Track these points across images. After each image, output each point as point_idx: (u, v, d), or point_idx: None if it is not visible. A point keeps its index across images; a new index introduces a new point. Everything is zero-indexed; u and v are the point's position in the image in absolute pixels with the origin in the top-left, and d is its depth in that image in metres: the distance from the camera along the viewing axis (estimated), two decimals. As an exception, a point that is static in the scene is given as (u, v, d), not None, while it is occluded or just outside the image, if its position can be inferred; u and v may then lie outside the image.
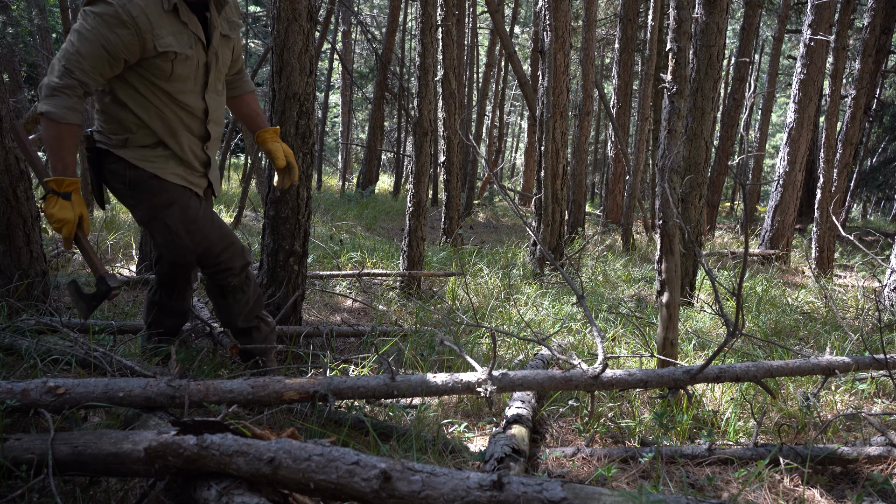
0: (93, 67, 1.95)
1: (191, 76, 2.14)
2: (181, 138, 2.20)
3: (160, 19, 2.00)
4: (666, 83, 2.55)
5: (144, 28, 1.96)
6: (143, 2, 1.96)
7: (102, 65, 1.96)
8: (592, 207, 16.62)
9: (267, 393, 1.94)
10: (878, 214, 21.57)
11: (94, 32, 1.92)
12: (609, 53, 18.91)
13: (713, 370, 2.30)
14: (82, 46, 1.92)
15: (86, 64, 1.93)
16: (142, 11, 1.95)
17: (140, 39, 1.97)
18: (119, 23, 1.92)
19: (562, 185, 5.98)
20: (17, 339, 2.45)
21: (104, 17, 1.91)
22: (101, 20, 1.91)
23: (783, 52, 15.58)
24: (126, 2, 1.93)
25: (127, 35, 1.94)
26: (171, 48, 2.03)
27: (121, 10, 1.92)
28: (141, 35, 1.96)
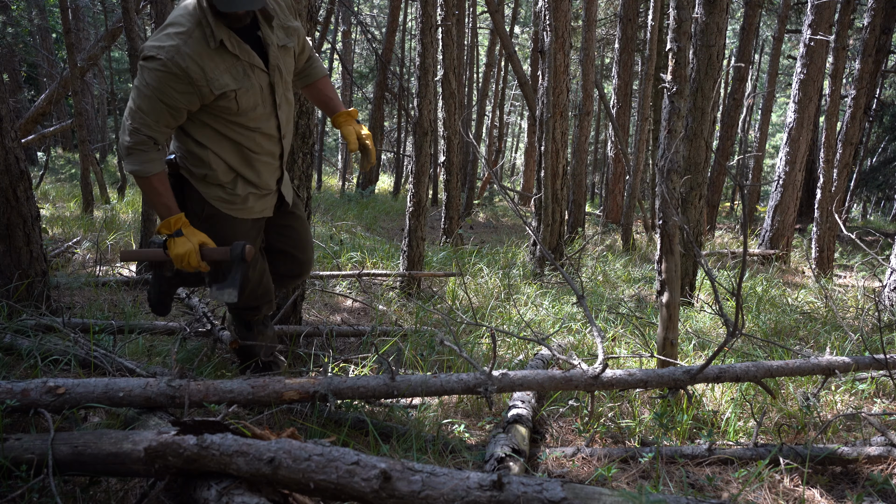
0: (157, 122, 1.96)
1: (258, 102, 2.10)
2: (258, 166, 2.20)
3: (210, 60, 1.95)
4: (666, 83, 2.55)
5: (197, 77, 1.93)
6: (191, 48, 1.92)
7: (165, 118, 1.97)
8: (592, 207, 16.61)
9: (267, 393, 1.94)
10: (878, 214, 21.56)
11: (151, 88, 1.91)
12: (609, 53, 18.91)
13: (713, 370, 2.31)
14: (143, 103, 1.94)
15: (149, 120, 1.95)
16: (191, 60, 1.91)
17: (195, 88, 1.94)
18: (171, 77, 1.90)
19: (562, 185, 5.98)
20: (17, 339, 2.45)
21: (156, 73, 1.90)
22: (154, 76, 1.90)
23: (783, 52, 15.58)
24: (174, 53, 1.89)
25: (181, 87, 1.92)
26: (228, 87, 2.00)
27: (170, 63, 1.89)
28: (195, 85, 1.94)
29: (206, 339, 2.91)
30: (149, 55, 1.91)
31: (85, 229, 5.75)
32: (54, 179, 11.88)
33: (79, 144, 7.08)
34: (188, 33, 1.92)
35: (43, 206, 7.21)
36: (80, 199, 7.03)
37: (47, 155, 11.53)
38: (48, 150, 12.10)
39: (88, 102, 15.19)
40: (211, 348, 2.82)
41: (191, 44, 1.91)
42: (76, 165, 13.90)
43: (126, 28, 4.36)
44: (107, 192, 8.66)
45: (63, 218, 6.27)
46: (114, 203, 8.05)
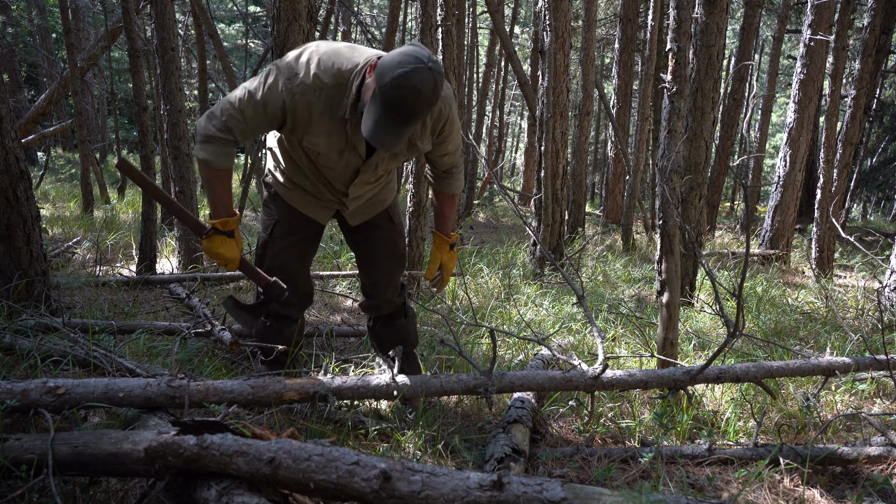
0: (251, 130, 1.97)
1: (336, 168, 2.11)
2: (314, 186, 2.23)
3: (321, 120, 1.95)
4: (666, 83, 2.55)
5: (300, 120, 1.94)
6: (316, 99, 1.90)
7: (259, 130, 1.99)
8: (592, 207, 16.62)
9: (267, 393, 1.94)
10: (878, 214, 21.57)
11: (262, 102, 1.90)
12: (609, 53, 18.91)
13: (713, 371, 2.30)
14: (247, 109, 1.92)
15: (245, 127, 1.95)
16: (309, 107, 1.91)
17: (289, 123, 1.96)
18: (281, 103, 1.90)
19: (562, 185, 5.97)
20: (17, 339, 2.45)
21: (276, 88, 1.89)
22: (269, 95, 1.90)
23: (783, 52, 15.57)
24: (297, 92, 1.88)
25: (280, 114, 1.93)
26: (315, 147, 2.02)
27: (290, 94, 1.89)
28: (292, 121, 1.95)
29: (206, 339, 2.91)
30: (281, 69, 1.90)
31: (85, 229, 5.75)
32: (54, 179, 11.88)
33: (79, 144, 7.08)
34: (323, 88, 1.90)
35: (43, 206, 7.21)
36: (80, 199, 7.03)
37: (47, 155, 11.53)
38: (48, 150, 12.11)
39: (88, 102, 15.20)
40: (211, 349, 2.82)
41: (320, 97, 1.90)
42: (76, 165, 13.90)
43: (126, 28, 4.36)
44: (107, 192, 8.67)
45: (63, 218, 6.27)
46: (114, 203, 8.06)
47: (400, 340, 2.51)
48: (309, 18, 2.83)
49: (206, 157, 1.97)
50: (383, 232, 2.37)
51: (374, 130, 1.79)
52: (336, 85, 1.90)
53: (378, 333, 2.55)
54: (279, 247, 2.28)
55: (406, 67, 1.73)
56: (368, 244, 2.38)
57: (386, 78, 1.74)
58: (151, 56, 6.66)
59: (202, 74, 7.04)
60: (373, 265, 2.39)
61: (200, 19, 6.66)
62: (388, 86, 1.73)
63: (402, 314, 2.54)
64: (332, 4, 8.76)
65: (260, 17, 17.17)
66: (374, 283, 2.42)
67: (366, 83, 1.86)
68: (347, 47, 1.98)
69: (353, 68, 1.91)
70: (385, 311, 2.48)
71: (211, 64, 14.78)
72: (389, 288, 2.43)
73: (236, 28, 18.74)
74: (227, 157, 1.99)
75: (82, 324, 2.77)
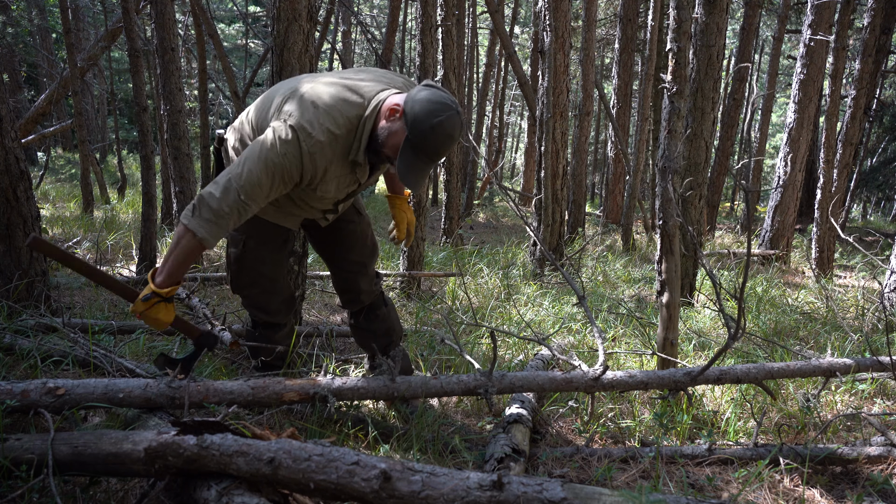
0: (266, 197, 1.90)
1: (331, 199, 2.14)
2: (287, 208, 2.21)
3: (335, 167, 1.95)
4: (666, 83, 2.55)
5: (318, 173, 1.93)
6: (332, 150, 1.90)
7: (274, 194, 1.92)
8: (592, 207, 16.61)
9: (267, 394, 1.94)
10: (878, 214, 21.56)
11: (280, 168, 1.85)
12: (609, 53, 18.91)
13: (714, 372, 2.30)
14: (264, 177, 1.84)
15: (262, 193, 1.87)
16: (325, 162, 1.91)
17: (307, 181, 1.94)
18: (298, 166, 1.87)
19: (562, 185, 5.98)
20: (17, 339, 2.45)
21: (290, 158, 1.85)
22: (286, 160, 1.84)
23: (783, 52, 15.57)
24: (317, 151, 1.86)
25: (296, 175, 1.90)
26: (327, 194, 2.02)
27: (307, 158, 1.86)
28: (311, 179, 1.94)
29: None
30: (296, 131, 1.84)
31: (85, 229, 5.75)
32: (54, 179, 11.88)
33: (79, 144, 7.08)
34: (336, 138, 1.90)
35: (43, 206, 7.21)
36: (80, 199, 7.03)
37: (47, 155, 11.52)
38: (48, 150, 12.10)
39: (88, 102, 15.20)
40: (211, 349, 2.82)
41: (333, 147, 1.90)
42: (76, 165, 13.90)
43: (126, 28, 4.36)
44: (107, 192, 8.66)
45: (63, 218, 6.27)
46: (114, 203, 8.06)
47: (386, 330, 2.54)
48: (309, 18, 2.83)
49: (205, 237, 1.85)
50: (354, 226, 2.41)
51: (410, 175, 1.89)
52: (347, 133, 1.93)
53: (362, 328, 2.54)
54: (254, 258, 2.27)
55: (441, 116, 1.82)
56: (342, 240, 2.40)
57: (422, 127, 1.82)
58: (151, 56, 6.66)
59: (202, 74, 7.04)
60: (348, 259, 2.42)
61: (200, 19, 6.66)
62: (426, 135, 1.83)
63: (383, 303, 2.56)
64: (332, 4, 8.76)
65: (260, 17, 17.17)
66: (351, 276, 2.44)
67: (389, 127, 1.90)
68: (346, 87, 1.95)
69: (363, 113, 1.93)
70: (366, 302, 2.50)
71: (211, 64, 14.79)
72: (366, 278, 2.46)
73: (236, 28, 18.74)
74: (221, 237, 1.91)
75: (82, 324, 2.76)
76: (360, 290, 2.46)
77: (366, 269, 2.45)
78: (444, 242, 6.72)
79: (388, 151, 1.92)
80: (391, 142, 1.90)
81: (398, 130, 1.88)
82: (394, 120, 1.89)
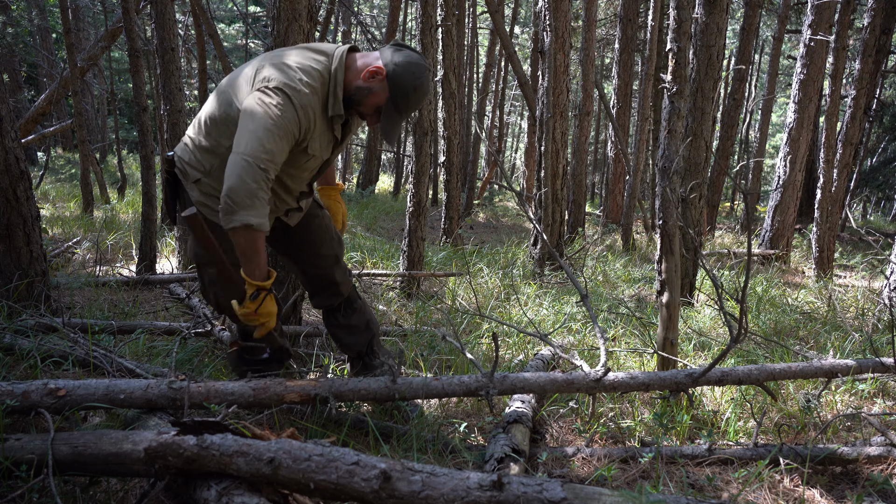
0: (279, 162, 1.88)
1: (313, 168, 2.16)
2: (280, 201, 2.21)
3: (319, 122, 2.00)
4: (666, 83, 2.55)
5: (311, 129, 1.96)
6: (316, 105, 1.95)
7: (283, 159, 1.91)
8: (592, 207, 16.61)
9: (268, 395, 1.94)
10: (878, 214, 21.56)
11: (282, 126, 1.86)
12: (609, 53, 18.91)
13: (715, 373, 2.30)
14: (269, 139, 1.83)
15: (278, 159, 1.87)
16: (313, 115, 1.95)
17: (301, 139, 1.96)
18: (296, 121, 1.89)
19: (562, 185, 5.98)
20: (17, 339, 2.45)
21: (288, 110, 1.87)
22: (284, 119, 1.86)
23: (783, 52, 15.57)
24: (306, 104, 1.91)
25: (297, 135, 1.93)
26: (315, 152, 2.05)
27: (300, 111, 1.90)
28: (305, 134, 1.96)
29: (206, 339, 2.91)
30: (283, 90, 1.86)
31: (85, 229, 5.75)
32: (54, 179, 11.88)
33: (79, 144, 7.08)
34: (317, 92, 1.95)
35: (43, 206, 7.21)
36: (80, 199, 7.03)
37: (47, 155, 11.53)
38: (48, 150, 12.10)
39: (88, 102, 15.19)
40: (211, 349, 2.82)
41: (314, 100, 1.95)
42: (76, 165, 13.90)
43: (126, 28, 4.36)
44: (107, 192, 8.66)
45: (63, 218, 6.27)
46: (114, 203, 8.06)
47: (366, 323, 2.54)
48: (309, 18, 2.83)
49: (259, 221, 1.83)
50: (319, 220, 2.42)
51: (390, 130, 2.05)
52: (322, 86, 1.99)
53: (342, 325, 2.51)
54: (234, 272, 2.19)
55: (422, 78, 2.00)
56: (311, 236, 2.39)
57: (406, 89, 1.98)
58: (151, 56, 6.66)
59: (202, 74, 7.04)
60: (320, 254, 2.41)
61: (200, 19, 6.66)
62: (409, 96, 1.99)
63: (357, 296, 2.56)
64: (332, 4, 8.76)
65: (260, 17, 17.17)
66: (326, 270, 2.43)
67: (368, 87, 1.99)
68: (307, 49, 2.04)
69: (330, 66, 2.00)
70: (346, 293, 2.49)
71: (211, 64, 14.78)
72: (340, 269, 2.47)
73: (236, 28, 18.74)
74: (268, 216, 1.89)
75: (82, 324, 2.77)
76: (338, 282, 2.46)
77: (338, 261, 2.47)
78: (444, 242, 6.72)
79: (365, 110, 2.03)
80: (371, 101, 2.01)
81: (379, 92, 1.99)
82: (373, 80, 1.99)
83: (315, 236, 2.40)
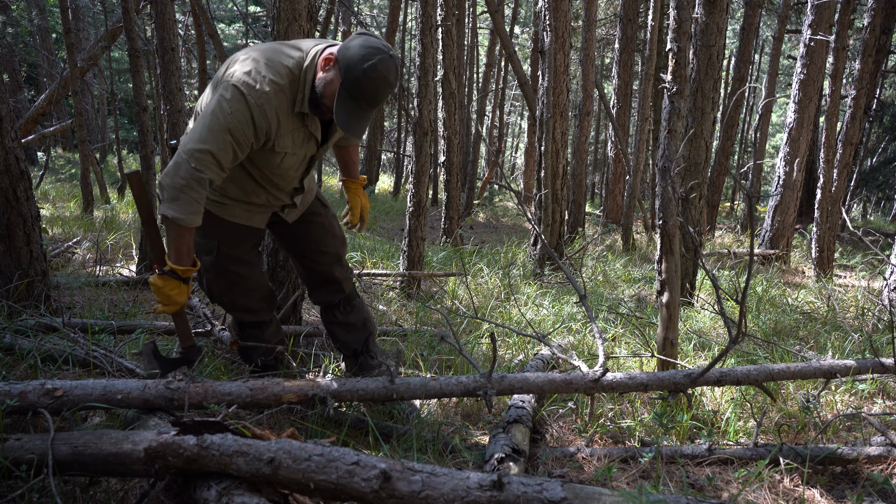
0: (222, 160, 1.89)
1: (294, 166, 2.14)
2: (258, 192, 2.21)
3: (286, 119, 1.97)
4: (666, 83, 2.55)
5: (272, 128, 1.94)
6: (278, 101, 1.91)
7: (230, 159, 1.92)
8: (592, 207, 16.61)
9: (266, 396, 1.94)
10: (878, 214, 21.55)
11: (232, 128, 1.86)
12: (609, 53, 18.91)
13: (714, 373, 2.30)
14: (211, 138, 1.85)
15: (217, 158, 1.87)
16: (275, 114, 1.92)
17: (257, 139, 1.95)
18: (248, 120, 1.88)
19: (562, 185, 5.98)
20: (17, 339, 2.45)
21: (239, 109, 1.86)
22: (236, 119, 1.86)
23: (783, 52, 15.57)
24: (264, 102, 1.88)
25: (249, 132, 1.91)
26: (284, 149, 2.02)
27: (256, 110, 1.87)
28: (258, 135, 1.94)
29: (205, 339, 2.91)
30: (239, 88, 1.86)
31: (85, 229, 5.75)
32: (54, 179, 11.88)
33: (79, 144, 7.08)
34: (282, 89, 1.92)
35: (43, 206, 7.21)
36: (80, 199, 7.03)
37: (47, 155, 11.53)
38: (48, 150, 12.10)
39: (88, 102, 15.20)
40: (211, 349, 2.82)
41: (280, 98, 1.92)
42: (76, 165, 13.90)
43: (126, 28, 4.36)
44: (107, 192, 8.66)
45: (63, 218, 6.27)
46: (114, 203, 8.05)
47: (364, 321, 2.56)
48: (309, 18, 2.83)
49: (177, 216, 1.86)
50: (322, 218, 2.43)
51: (349, 122, 1.89)
52: (290, 83, 1.95)
53: (340, 322, 2.54)
54: (229, 262, 2.26)
55: (374, 59, 1.84)
56: (312, 234, 2.41)
57: (356, 72, 1.84)
58: (151, 56, 6.66)
59: (202, 74, 7.04)
60: (319, 251, 2.43)
61: (200, 19, 6.66)
62: (359, 79, 1.84)
63: (356, 294, 2.58)
64: (332, 4, 8.76)
65: (260, 17, 17.17)
66: (327, 268, 2.45)
67: (325, 77, 1.92)
68: (284, 44, 2.01)
69: (301, 62, 1.96)
70: (347, 290, 2.51)
71: (211, 64, 14.78)
72: (341, 267, 2.48)
73: (236, 28, 18.74)
74: (197, 213, 1.91)
75: (82, 324, 2.77)
76: (338, 279, 2.48)
77: (340, 259, 2.48)
78: (444, 242, 6.72)
79: (328, 102, 1.94)
80: (328, 91, 1.92)
81: (333, 79, 1.90)
82: (328, 69, 1.92)
83: (316, 234, 2.41)
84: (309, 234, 2.41)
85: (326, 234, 2.44)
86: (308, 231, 2.41)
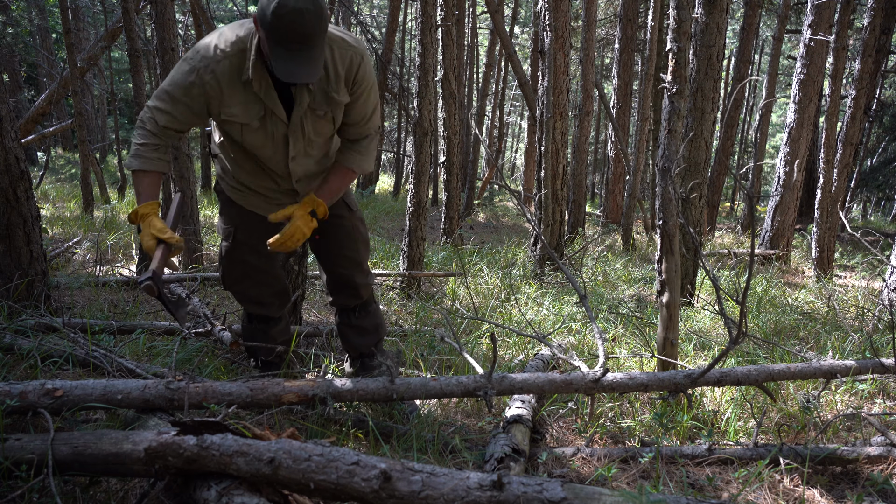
0: (176, 122, 2.01)
1: (266, 145, 2.11)
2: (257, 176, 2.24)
3: (231, 89, 1.98)
4: (666, 83, 2.55)
5: (212, 94, 1.97)
6: (221, 69, 1.95)
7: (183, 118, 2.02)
8: (592, 207, 16.61)
9: (265, 396, 1.94)
10: (878, 214, 21.55)
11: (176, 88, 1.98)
12: (609, 53, 18.91)
13: (714, 374, 2.30)
14: (165, 102, 2.00)
15: (168, 119, 2.00)
16: (215, 78, 1.94)
17: (207, 99, 1.99)
18: (194, 83, 1.95)
19: (562, 185, 5.98)
20: (17, 339, 2.45)
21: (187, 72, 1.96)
22: (180, 80, 1.97)
23: (783, 52, 15.57)
24: (204, 66, 1.94)
25: (197, 92, 1.97)
26: (234, 119, 2.03)
27: (194, 74, 1.95)
28: (207, 98, 1.98)
29: (206, 339, 2.91)
30: (190, 54, 1.97)
31: (85, 229, 5.75)
32: (54, 179, 11.88)
33: (79, 144, 7.08)
34: (227, 56, 1.94)
35: (43, 206, 7.21)
36: (80, 199, 7.03)
37: (47, 155, 11.53)
38: (48, 150, 12.11)
39: (88, 102, 15.19)
40: (211, 349, 2.82)
41: (224, 65, 1.94)
42: (76, 165, 13.90)
43: (126, 28, 4.36)
44: (107, 192, 8.66)
45: (63, 218, 6.27)
46: (114, 203, 8.05)
47: (375, 326, 2.57)
48: (309, 18, 2.82)
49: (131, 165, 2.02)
50: (345, 221, 2.40)
51: (283, 68, 1.79)
52: (237, 52, 1.95)
53: (354, 325, 2.55)
54: (244, 249, 2.30)
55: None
56: (333, 236, 2.40)
57: (267, 17, 1.75)
58: (151, 56, 6.65)
59: (202, 74, 7.04)
60: (341, 254, 2.42)
61: (200, 19, 6.67)
62: (272, 22, 1.74)
63: (373, 300, 2.59)
64: (332, 4, 8.76)
65: (260, 17, 17.14)
66: (346, 272, 2.45)
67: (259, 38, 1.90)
68: (239, 22, 2.04)
69: (250, 32, 1.96)
70: (365, 296, 2.52)
71: (211, 64, 14.74)
72: (361, 273, 2.47)
73: (236, 28, 18.72)
74: (139, 156, 2.00)
75: (82, 324, 2.77)
76: (357, 285, 2.47)
77: (360, 264, 2.47)
78: (444, 242, 6.72)
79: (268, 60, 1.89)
80: (264, 50, 1.88)
81: (260, 36, 1.85)
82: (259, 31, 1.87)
83: (337, 237, 2.41)
84: (330, 236, 2.40)
85: (348, 237, 2.42)
86: (330, 233, 2.40)
